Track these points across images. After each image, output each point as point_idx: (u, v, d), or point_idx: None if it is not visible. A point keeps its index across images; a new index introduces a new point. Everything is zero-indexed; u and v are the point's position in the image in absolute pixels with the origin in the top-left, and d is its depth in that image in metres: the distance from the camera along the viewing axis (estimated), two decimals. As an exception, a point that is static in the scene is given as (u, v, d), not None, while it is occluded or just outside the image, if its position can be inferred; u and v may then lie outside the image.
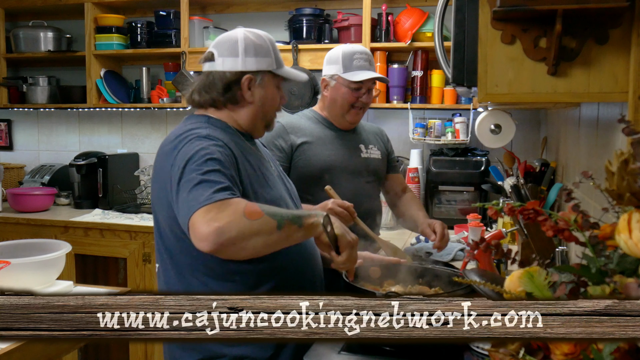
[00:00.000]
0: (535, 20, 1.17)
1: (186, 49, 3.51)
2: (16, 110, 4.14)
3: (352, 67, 2.13)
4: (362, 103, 2.16)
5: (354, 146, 2.23)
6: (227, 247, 1.26)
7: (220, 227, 1.25)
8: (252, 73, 1.54)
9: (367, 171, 2.23)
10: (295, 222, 1.36)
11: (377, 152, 2.29)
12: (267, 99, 1.58)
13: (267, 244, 1.33)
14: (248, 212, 1.29)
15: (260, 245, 1.31)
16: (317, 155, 2.13)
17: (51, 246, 1.93)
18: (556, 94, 1.21)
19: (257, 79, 1.55)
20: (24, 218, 3.45)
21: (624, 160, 0.79)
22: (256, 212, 1.30)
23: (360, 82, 2.12)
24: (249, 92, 1.55)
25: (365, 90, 2.15)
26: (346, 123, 2.21)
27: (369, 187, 2.24)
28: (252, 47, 1.54)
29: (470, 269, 1.39)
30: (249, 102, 1.56)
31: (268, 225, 1.31)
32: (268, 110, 1.60)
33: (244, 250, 1.29)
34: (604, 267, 0.83)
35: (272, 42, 1.60)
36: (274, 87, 1.59)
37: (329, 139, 2.19)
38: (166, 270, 1.54)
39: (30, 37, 3.84)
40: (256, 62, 1.54)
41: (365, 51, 2.18)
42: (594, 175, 0.88)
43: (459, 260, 2.33)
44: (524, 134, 3.24)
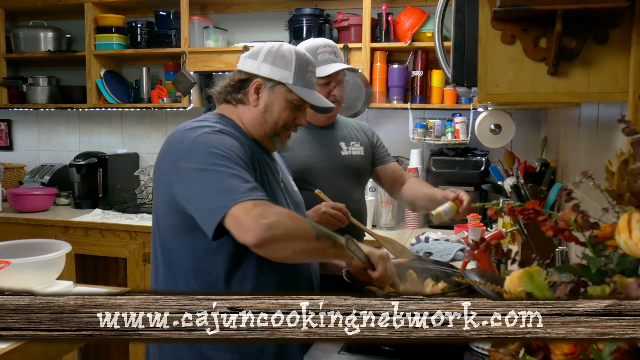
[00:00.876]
0: (535, 20, 1.17)
1: (186, 49, 3.51)
2: (16, 110, 4.14)
3: (318, 62, 2.07)
4: (334, 97, 2.10)
5: (334, 144, 2.17)
6: (272, 244, 1.30)
7: (269, 224, 1.28)
8: (262, 79, 1.54)
9: (348, 170, 2.16)
10: (331, 238, 1.41)
11: (359, 148, 2.21)
12: (272, 108, 1.55)
13: (305, 251, 1.36)
14: (291, 216, 1.35)
15: (299, 249, 1.35)
16: (293, 158, 2.06)
17: (51, 246, 1.93)
18: (556, 94, 1.21)
19: (266, 86, 1.54)
20: (24, 218, 3.45)
21: (624, 160, 0.79)
22: (299, 218, 1.37)
23: (329, 77, 2.07)
24: (254, 95, 1.55)
25: (335, 83, 2.10)
26: (323, 119, 2.15)
27: (350, 186, 2.16)
28: (273, 55, 1.54)
29: (470, 269, 1.39)
30: (252, 105, 1.56)
31: (309, 233, 1.36)
32: (272, 120, 1.56)
33: (284, 250, 1.33)
34: (604, 267, 0.83)
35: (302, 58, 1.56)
36: (285, 101, 1.55)
37: (307, 139, 2.13)
38: (156, 267, 1.54)
39: (30, 37, 3.84)
40: (270, 70, 1.53)
41: (328, 43, 2.11)
42: (594, 175, 0.88)
43: (459, 260, 2.33)
44: (524, 134, 3.24)
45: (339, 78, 2.11)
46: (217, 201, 1.33)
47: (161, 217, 1.52)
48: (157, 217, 1.55)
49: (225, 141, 1.44)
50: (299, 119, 1.59)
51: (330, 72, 2.05)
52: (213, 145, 1.40)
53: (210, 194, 1.34)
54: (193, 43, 3.55)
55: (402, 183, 2.27)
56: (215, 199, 1.33)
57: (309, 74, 1.58)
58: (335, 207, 1.88)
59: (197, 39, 3.57)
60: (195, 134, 1.44)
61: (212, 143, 1.41)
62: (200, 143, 1.41)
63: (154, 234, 1.57)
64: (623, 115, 1.03)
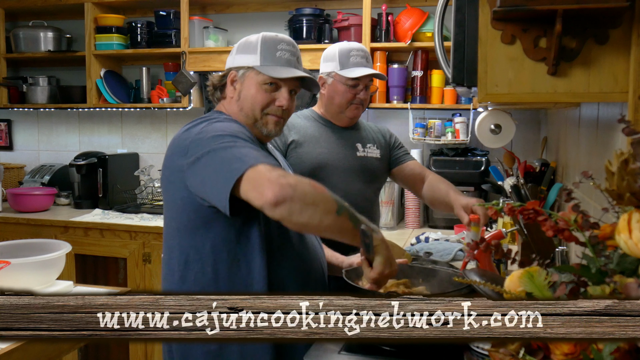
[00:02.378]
0: (535, 20, 1.17)
1: (186, 49, 3.51)
2: (16, 110, 4.14)
3: (349, 64, 2.12)
4: (360, 100, 2.15)
5: (350, 145, 2.20)
6: (289, 203, 1.23)
7: (290, 183, 1.24)
8: (235, 69, 1.58)
9: (362, 170, 2.19)
10: (353, 218, 1.33)
11: (376, 150, 2.24)
12: (246, 95, 1.56)
13: (322, 222, 1.29)
14: (313, 184, 1.30)
15: (317, 219, 1.27)
16: (308, 153, 2.11)
17: (51, 246, 1.93)
18: (556, 94, 1.21)
19: (238, 74, 1.58)
20: (24, 218, 3.45)
21: (624, 160, 0.79)
22: (321, 187, 1.31)
23: (357, 79, 2.11)
24: (231, 87, 1.59)
25: (362, 86, 2.14)
26: (345, 119, 2.19)
27: (363, 186, 2.18)
28: (243, 45, 1.59)
29: (470, 269, 1.39)
30: (230, 96, 1.60)
31: (329, 203, 1.29)
32: (248, 107, 1.56)
33: (300, 215, 1.26)
34: (604, 267, 0.83)
35: (270, 40, 1.57)
36: (256, 84, 1.55)
37: (324, 137, 2.16)
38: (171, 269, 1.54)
39: (30, 37, 3.84)
40: (241, 59, 1.58)
41: (361, 48, 2.17)
42: (594, 175, 0.88)
43: (459, 260, 2.33)
44: (524, 134, 3.24)
45: (366, 82, 2.14)
46: (229, 170, 1.30)
47: (174, 218, 1.53)
48: (170, 218, 1.55)
49: (232, 125, 1.46)
50: (279, 99, 1.56)
51: (360, 74, 2.09)
52: (219, 130, 1.42)
53: (223, 165, 1.32)
54: (193, 43, 3.55)
55: (422, 181, 2.25)
56: (227, 168, 1.30)
57: (279, 52, 1.56)
58: None
59: (197, 39, 3.57)
60: (199, 128, 1.46)
61: (218, 128, 1.43)
62: (205, 131, 1.43)
63: (167, 237, 1.57)
64: (623, 115, 1.03)
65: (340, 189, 2.03)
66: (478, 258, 1.79)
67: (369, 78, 2.15)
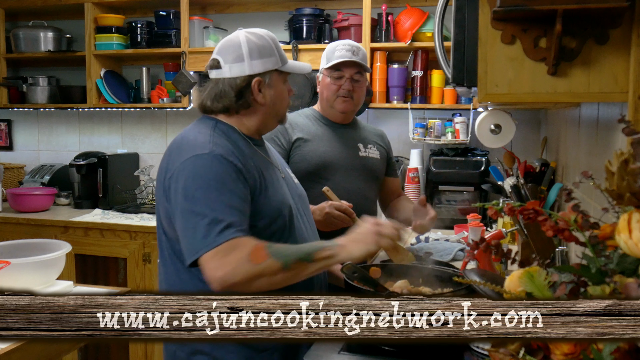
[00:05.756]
0: (535, 20, 1.17)
1: (186, 49, 3.51)
2: (16, 110, 4.14)
3: (334, 57, 2.11)
4: (346, 91, 2.12)
5: (352, 144, 2.21)
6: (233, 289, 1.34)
7: (224, 276, 1.33)
8: (260, 75, 1.55)
9: (364, 170, 2.20)
10: (305, 259, 1.39)
11: (376, 152, 2.26)
12: (277, 97, 1.59)
13: (272, 284, 1.37)
14: (253, 256, 1.35)
15: (265, 285, 1.36)
16: (312, 152, 2.11)
17: (51, 246, 1.93)
18: (556, 94, 1.21)
19: (265, 80, 1.56)
20: (24, 218, 3.45)
21: (624, 160, 0.79)
22: (261, 255, 1.36)
23: (339, 70, 2.10)
24: (260, 94, 1.55)
25: (347, 77, 2.12)
26: (337, 114, 2.18)
27: (365, 186, 2.20)
28: (256, 49, 1.54)
29: (470, 269, 1.39)
30: (261, 104, 1.57)
31: (273, 267, 1.36)
32: (279, 107, 1.62)
33: (249, 290, 1.35)
34: (604, 267, 0.83)
35: (274, 39, 1.60)
36: (281, 83, 1.60)
37: (326, 136, 2.17)
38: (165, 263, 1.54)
39: (30, 37, 3.84)
40: (262, 64, 1.55)
41: (349, 43, 2.15)
42: (594, 175, 0.88)
43: (459, 260, 2.33)
44: (524, 134, 3.24)
45: (351, 74, 2.12)
46: (192, 243, 1.38)
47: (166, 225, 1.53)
48: (160, 225, 1.55)
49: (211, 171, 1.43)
50: (290, 90, 1.66)
51: (335, 61, 2.07)
52: (193, 186, 1.42)
53: (188, 232, 1.40)
54: (193, 43, 3.55)
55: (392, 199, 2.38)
56: (190, 244, 1.39)
57: (280, 48, 1.63)
58: (340, 208, 1.88)
59: (197, 39, 3.57)
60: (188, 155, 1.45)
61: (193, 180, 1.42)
62: (189, 169, 1.43)
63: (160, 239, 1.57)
64: (623, 115, 1.03)
65: (342, 187, 2.04)
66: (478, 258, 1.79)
67: (353, 70, 2.13)
